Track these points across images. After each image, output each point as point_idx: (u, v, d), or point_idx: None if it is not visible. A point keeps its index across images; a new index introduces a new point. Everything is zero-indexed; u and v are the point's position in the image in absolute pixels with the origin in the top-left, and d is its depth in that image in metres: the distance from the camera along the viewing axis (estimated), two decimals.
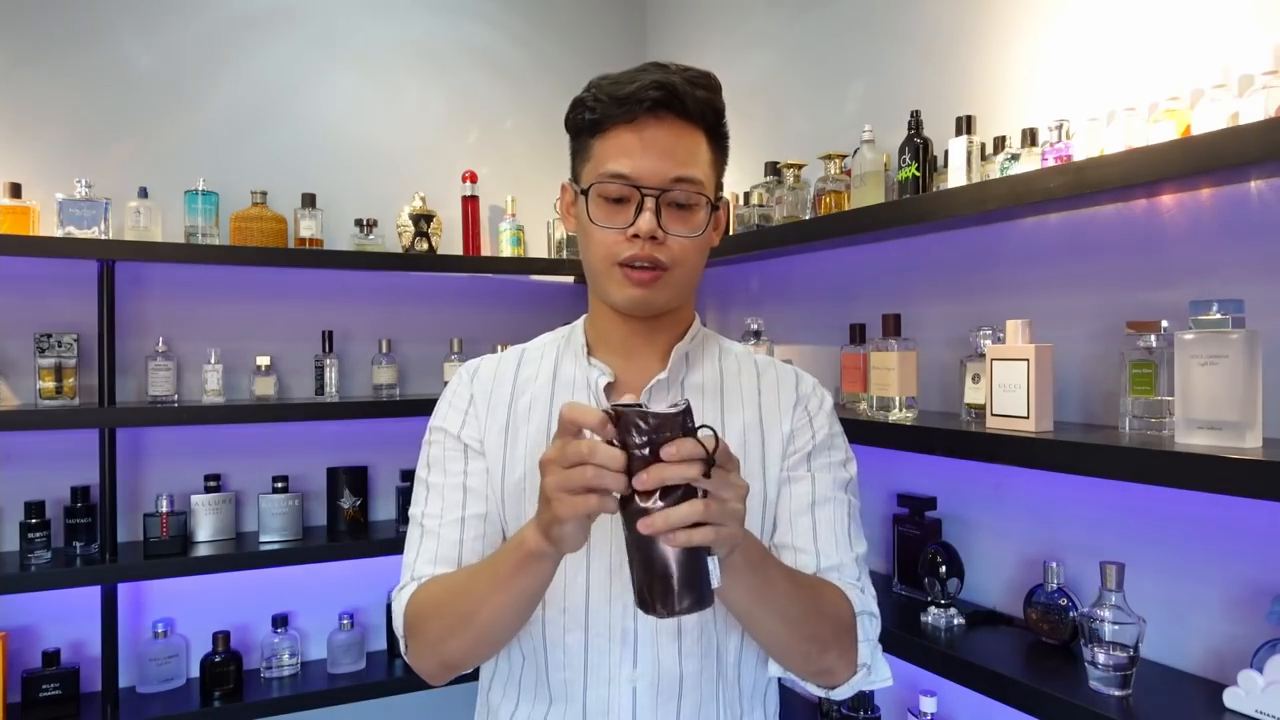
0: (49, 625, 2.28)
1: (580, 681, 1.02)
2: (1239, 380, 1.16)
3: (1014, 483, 1.70)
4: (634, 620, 1.01)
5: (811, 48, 2.28)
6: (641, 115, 0.96)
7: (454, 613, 0.96)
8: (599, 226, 0.99)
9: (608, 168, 0.98)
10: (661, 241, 0.97)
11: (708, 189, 1.00)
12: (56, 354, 2.21)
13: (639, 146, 0.97)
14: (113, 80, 2.38)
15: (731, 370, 1.12)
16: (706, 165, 1.01)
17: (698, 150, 0.99)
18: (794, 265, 2.32)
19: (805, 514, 1.05)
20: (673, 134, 0.97)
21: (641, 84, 0.96)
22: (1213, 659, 1.37)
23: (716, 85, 1.02)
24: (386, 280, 2.70)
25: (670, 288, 1.01)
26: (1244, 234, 1.33)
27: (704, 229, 1.01)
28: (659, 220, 0.97)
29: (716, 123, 1.02)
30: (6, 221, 2.14)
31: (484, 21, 2.84)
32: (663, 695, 1.01)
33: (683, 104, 0.97)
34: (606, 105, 0.98)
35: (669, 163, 0.97)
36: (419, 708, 2.65)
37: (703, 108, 0.99)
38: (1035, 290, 1.66)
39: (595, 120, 0.99)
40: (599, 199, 0.99)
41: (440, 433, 1.09)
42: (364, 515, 2.58)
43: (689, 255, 1.00)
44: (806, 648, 0.97)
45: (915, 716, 1.72)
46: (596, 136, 1.00)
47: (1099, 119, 1.46)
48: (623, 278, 0.99)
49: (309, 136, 2.60)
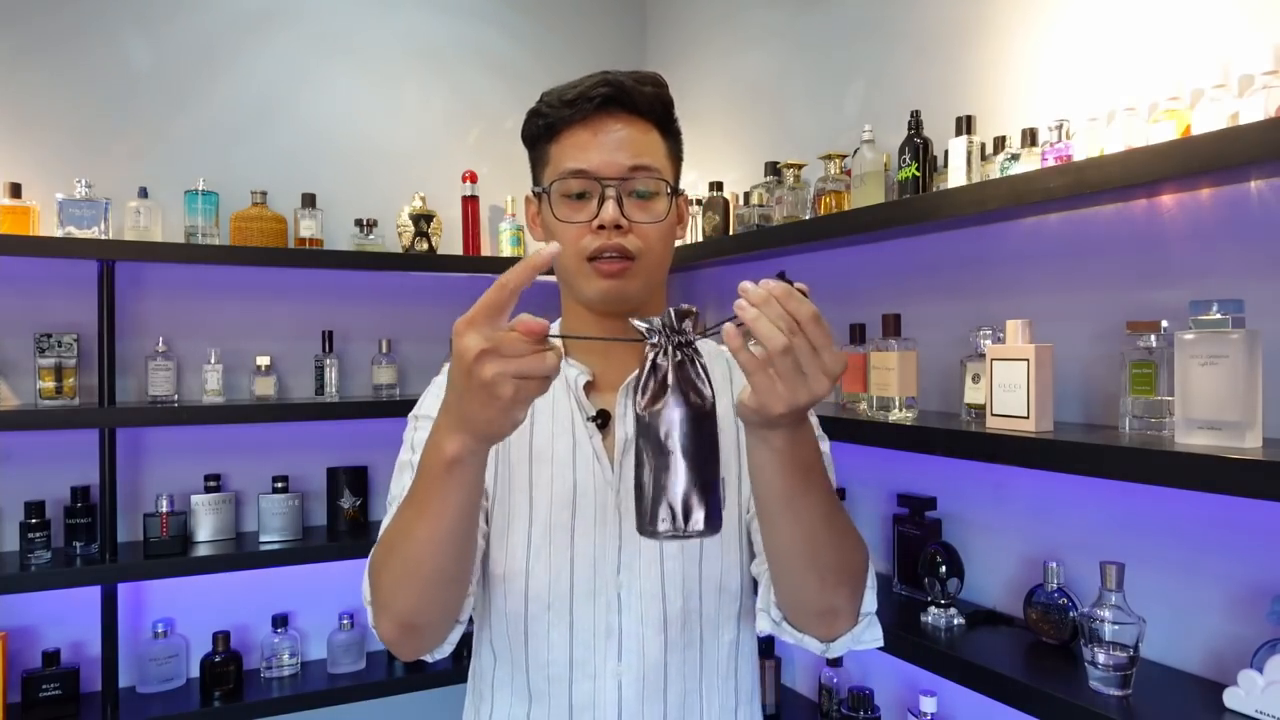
0: (49, 625, 2.28)
1: (565, 677, 1.02)
2: (1239, 380, 1.16)
3: (1014, 483, 1.70)
4: (618, 615, 1.02)
5: (811, 48, 2.28)
6: (592, 113, 1.00)
7: (394, 562, 0.89)
8: (563, 223, 1.01)
9: (566, 166, 1.00)
10: (627, 230, 0.99)
11: (666, 176, 1.03)
12: (56, 354, 2.21)
13: (593, 141, 1.00)
14: (113, 80, 2.38)
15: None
16: (662, 156, 1.04)
17: (651, 143, 1.02)
18: (794, 265, 2.32)
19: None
20: (625, 127, 1.01)
21: (589, 84, 1.00)
22: (1213, 659, 1.37)
23: (663, 82, 1.04)
24: (386, 280, 2.70)
25: (639, 277, 1.02)
26: (1244, 234, 1.33)
27: (667, 214, 1.02)
28: (622, 210, 0.99)
29: (667, 117, 1.05)
30: (6, 221, 2.14)
31: (484, 21, 2.84)
32: (648, 689, 1.02)
33: (631, 99, 1.00)
34: (558, 109, 1.01)
35: (624, 153, 1.00)
36: (419, 707, 2.64)
37: (651, 102, 1.02)
38: (1035, 290, 1.66)
39: (549, 124, 1.02)
40: (560, 197, 1.01)
41: (425, 420, 1.09)
42: (364, 515, 2.58)
43: (655, 243, 1.02)
44: (823, 574, 0.91)
45: (915, 716, 1.72)
46: (552, 141, 1.03)
47: (1099, 119, 1.46)
48: (592, 271, 1.00)
49: (309, 136, 2.60)
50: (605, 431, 1.06)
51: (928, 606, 1.68)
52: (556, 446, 1.05)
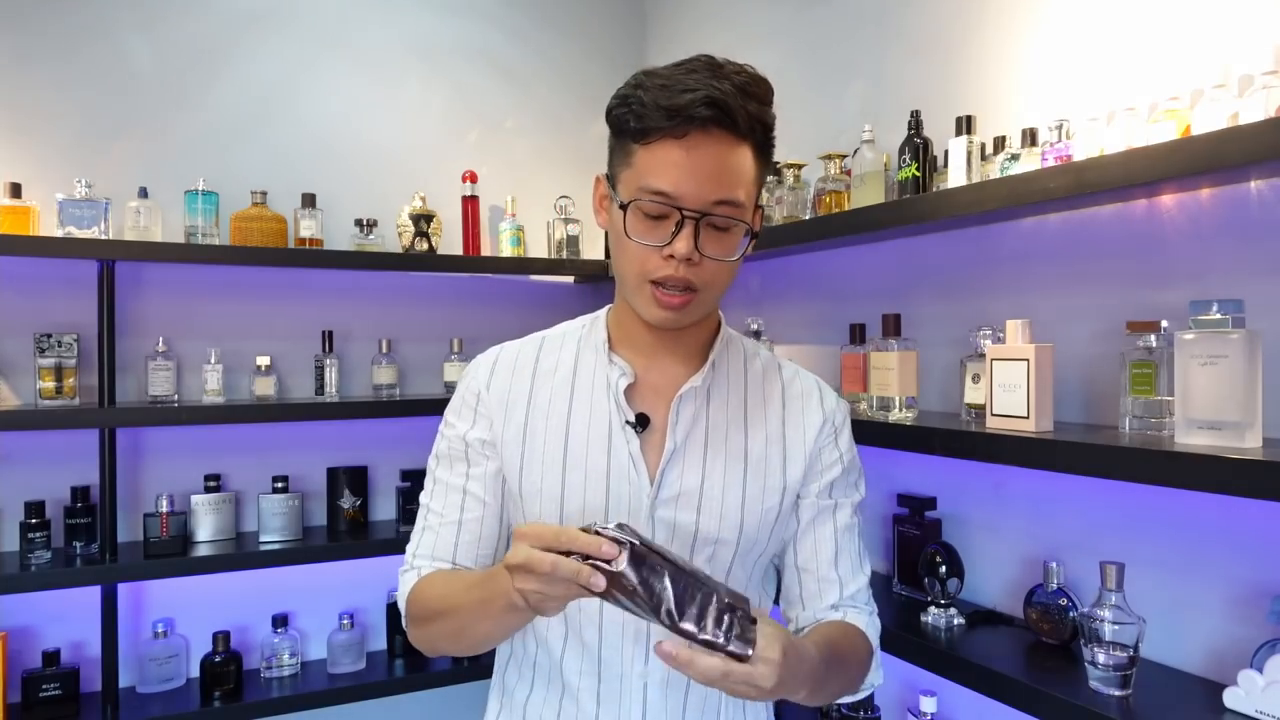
0: (49, 625, 2.28)
1: (595, 674, 1.04)
2: (1239, 380, 1.16)
3: (1014, 483, 1.70)
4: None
5: (811, 47, 2.28)
6: (692, 131, 0.91)
7: (446, 628, 1.01)
8: (634, 242, 0.96)
9: (649, 183, 0.93)
10: (697, 264, 0.95)
11: (747, 213, 0.97)
12: (56, 354, 2.21)
13: (685, 164, 0.92)
14: (113, 80, 2.38)
15: (756, 376, 1.12)
16: (750, 183, 0.97)
17: (743, 168, 0.95)
18: (794, 265, 2.32)
19: (829, 542, 1.11)
20: (720, 151, 0.93)
21: (694, 97, 0.90)
22: (1213, 659, 1.37)
23: (769, 94, 0.97)
24: (386, 280, 2.70)
25: (700, 309, 1.00)
26: (1244, 234, 1.33)
27: (739, 253, 0.98)
28: (696, 242, 0.94)
29: (765, 137, 0.98)
30: (6, 221, 2.14)
31: (484, 21, 2.84)
32: (672, 691, 1.04)
33: (733, 120, 0.92)
34: (654, 114, 0.92)
35: (713, 185, 0.93)
36: (419, 708, 2.64)
37: (753, 122, 0.94)
38: (1035, 290, 1.66)
39: (641, 129, 0.93)
40: (638, 213, 0.95)
41: (450, 428, 1.10)
42: (364, 515, 2.58)
43: (721, 277, 0.99)
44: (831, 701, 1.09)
45: (915, 716, 1.72)
46: (641, 144, 0.94)
47: (1099, 119, 1.46)
48: (652, 296, 0.97)
49: (309, 136, 2.60)
50: (644, 435, 1.04)
51: (928, 606, 1.68)
52: (591, 451, 1.04)
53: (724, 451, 1.06)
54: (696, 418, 1.06)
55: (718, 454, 1.05)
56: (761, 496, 1.06)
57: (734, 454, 1.06)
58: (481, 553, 1.09)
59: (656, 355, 1.07)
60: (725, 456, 1.06)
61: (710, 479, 1.04)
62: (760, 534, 1.07)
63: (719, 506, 1.04)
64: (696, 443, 1.05)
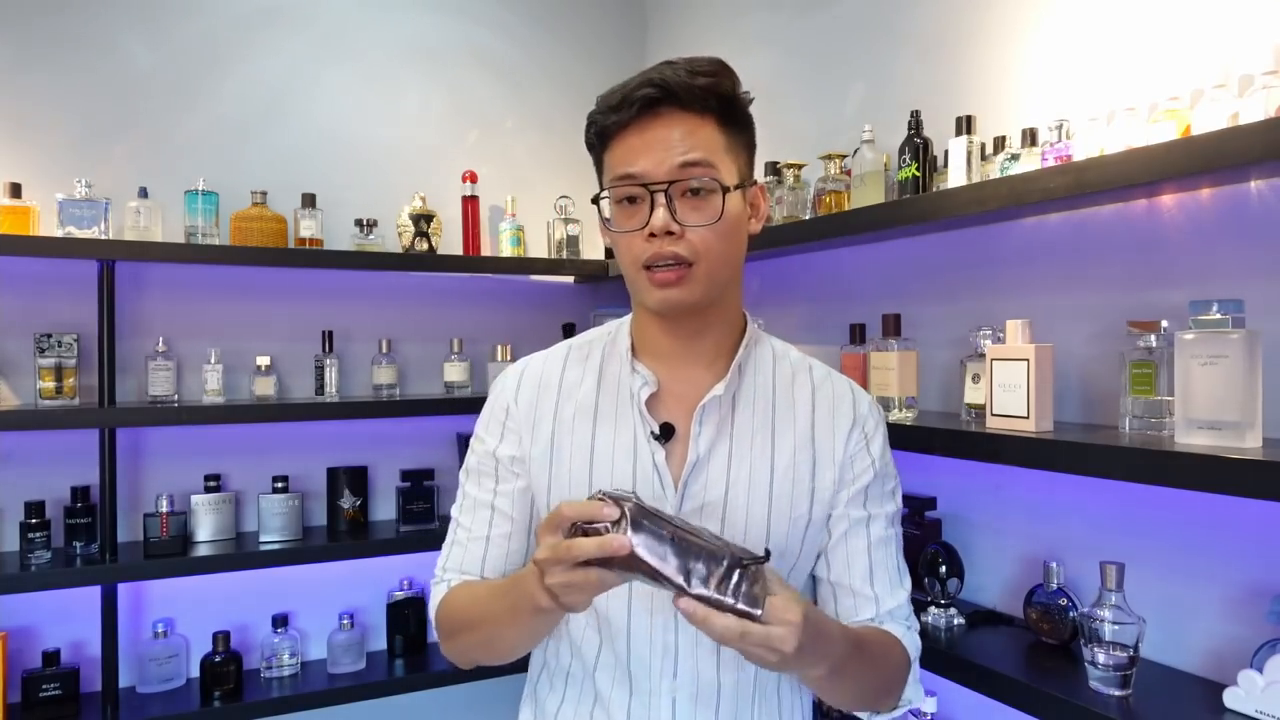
0: (49, 625, 2.28)
1: (626, 686, 1.04)
2: (1239, 380, 1.16)
3: (1014, 483, 1.70)
4: (674, 634, 1.02)
5: (811, 48, 2.28)
6: (639, 116, 0.96)
7: (476, 637, 1.04)
8: (617, 232, 0.99)
9: (615, 171, 0.98)
10: (680, 235, 0.95)
11: (721, 172, 0.97)
12: (56, 354, 2.21)
13: (640, 144, 0.96)
14: (113, 80, 2.38)
15: (785, 380, 1.09)
16: (719, 150, 0.98)
17: (704, 135, 0.97)
18: (794, 265, 2.32)
19: (863, 556, 1.07)
20: (674, 126, 0.96)
21: (633, 85, 0.96)
22: (1213, 659, 1.37)
23: (721, 69, 0.98)
24: (386, 280, 2.70)
25: (700, 282, 0.98)
26: (1244, 234, 1.33)
27: (720, 214, 0.96)
28: (674, 215, 0.95)
29: (728, 106, 0.99)
30: (6, 221, 2.14)
31: (484, 22, 2.84)
32: (701, 705, 1.03)
33: (677, 96, 0.95)
34: (605, 115, 0.98)
35: (671, 153, 0.95)
36: (419, 708, 2.64)
37: (705, 94, 0.96)
38: (1035, 290, 1.66)
39: (599, 131, 1.00)
40: (614, 205, 0.99)
41: (480, 442, 1.11)
42: (364, 515, 2.58)
43: (713, 244, 0.97)
44: (863, 704, 1.04)
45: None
46: (605, 149, 1.00)
47: (1099, 119, 1.46)
48: (648, 281, 0.98)
49: (309, 136, 2.60)
50: (669, 446, 1.03)
51: (928, 606, 1.68)
52: (617, 464, 1.03)
53: (749, 461, 1.03)
54: (721, 426, 1.04)
55: (742, 464, 1.03)
56: (790, 506, 1.03)
57: (760, 463, 1.04)
58: (509, 567, 1.09)
59: (679, 362, 1.06)
60: (750, 466, 1.03)
61: (735, 489, 1.02)
62: (791, 544, 1.04)
63: (744, 517, 1.02)
64: (720, 453, 1.03)
